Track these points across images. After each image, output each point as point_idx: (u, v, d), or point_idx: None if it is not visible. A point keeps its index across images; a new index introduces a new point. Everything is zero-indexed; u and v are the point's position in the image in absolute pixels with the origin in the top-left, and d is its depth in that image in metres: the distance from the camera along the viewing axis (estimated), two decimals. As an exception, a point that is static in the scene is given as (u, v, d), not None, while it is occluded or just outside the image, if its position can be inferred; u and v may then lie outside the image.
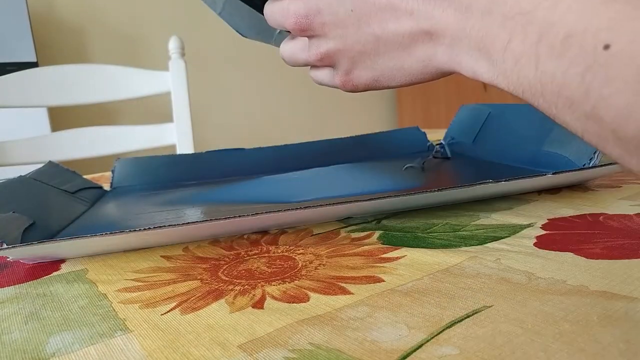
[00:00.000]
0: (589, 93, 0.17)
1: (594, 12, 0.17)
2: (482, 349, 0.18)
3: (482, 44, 0.22)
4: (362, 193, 0.43)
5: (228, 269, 0.29)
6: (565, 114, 0.19)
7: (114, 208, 0.49)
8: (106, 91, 0.99)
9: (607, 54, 0.16)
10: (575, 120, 0.19)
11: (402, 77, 0.28)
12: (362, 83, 0.29)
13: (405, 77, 0.27)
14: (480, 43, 0.22)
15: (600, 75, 0.17)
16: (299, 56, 0.31)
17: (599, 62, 0.17)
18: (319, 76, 0.32)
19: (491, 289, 0.23)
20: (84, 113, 1.97)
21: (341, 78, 0.30)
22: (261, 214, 0.32)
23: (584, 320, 0.20)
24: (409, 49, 0.26)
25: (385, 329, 0.20)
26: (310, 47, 0.30)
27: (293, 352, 0.19)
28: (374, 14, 0.26)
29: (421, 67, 0.26)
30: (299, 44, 0.31)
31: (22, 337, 0.22)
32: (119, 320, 0.23)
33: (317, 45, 0.29)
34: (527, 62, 0.20)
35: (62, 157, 0.96)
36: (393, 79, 0.28)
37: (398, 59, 0.27)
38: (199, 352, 0.20)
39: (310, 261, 0.30)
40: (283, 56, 0.33)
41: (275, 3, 0.30)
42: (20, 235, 0.33)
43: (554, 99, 0.19)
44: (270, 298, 0.25)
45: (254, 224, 0.35)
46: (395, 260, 0.29)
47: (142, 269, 0.31)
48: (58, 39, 2.04)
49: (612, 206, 0.36)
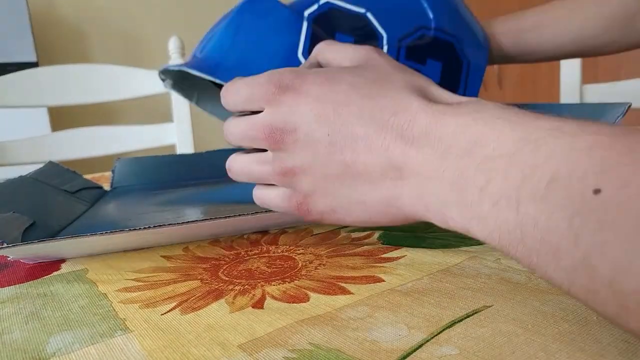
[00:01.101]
0: (578, 239, 0.16)
1: (579, 158, 0.16)
2: (482, 349, 0.18)
3: (456, 186, 0.21)
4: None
5: (228, 269, 0.29)
6: (549, 263, 0.17)
7: (114, 208, 0.49)
8: (106, 91, 0.99)
9: (599, 199, 0.15)
10: (561, 271, 0.17)
11: (360, 212, 0.26)
12: (318, 210, 0.27)
13: (364, 213, 0.26)
14: (454, 185, 0.21)
15: (592, 220, 0.15)
16: (254, 169, 0.28)
17: (590, 207, 0.15)
18: (268, 196, 0.29)
19: (491, 289, 0.23)
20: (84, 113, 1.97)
21: (298, 199, 0.27)
22: (261, 214, 0.32)
23: (583, 320, 0.20)
24: (375, 184, 0.24)
25: (385, 329, 0.20)
26: (274, 159, 0.27)
27: (293, 352, 0.19)
28: (349, 142, 0.24)
29: (384, 206, 0.24)
30: (260, 157, 0.28)
31: (23, 336, 0.22)
32: (119, 320, 0.23)
33: (283, 159, 0.26)
34: (507, 204, 0.18)
35: (62, 157, 0.96)
36: (350, 213, 0.26)
37: (362, 192, 0.25)
38: (199, 352, 0.20)
39: (310, 261, 0.30)
40: (231, 166, 0.30)
41: (251, 116, 0.28)
42: (21, 235, 0.33)
43: (536, 246, 0.17)
44: (270, 298, 0.25)
45: (254, 223, 0.35)
46: (395, 260, 0.29)
47: (142, 268, 0.31)
48: (58, 39, 2.04)
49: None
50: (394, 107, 0.23)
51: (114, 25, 2.15)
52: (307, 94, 0.25)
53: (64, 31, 2.04)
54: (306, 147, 0.26)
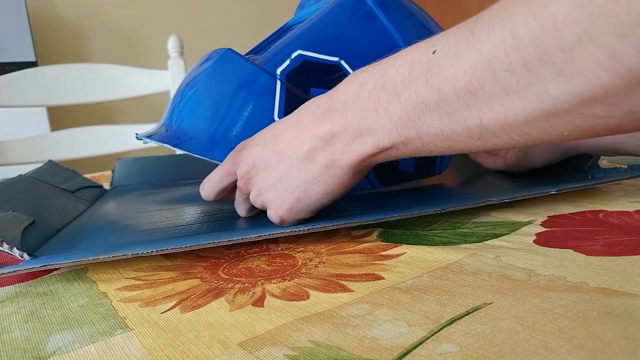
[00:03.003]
0: (431, 82, 0.24)
1: (420, 47, 0.26)
2: (482, 346, 0.18)
3: (359, 120, 0.28)
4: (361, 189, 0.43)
5: (228, 267, 0.29)
6: (425, 119, 0.26)
7: (113, 207, 0.49)
8: (106, 90, 0.99)
9: (436, 54, 0.24)
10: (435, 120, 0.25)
11: (316, 187, 0.31)
12: (286, 207, 0.32)
13: (319, 186, 0.31)
14: (358, 120, 0.29)
15: (435, 66, 0.24)
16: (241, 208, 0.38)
17: (433, 61, 0.24)
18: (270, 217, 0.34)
19: (491, 286, 0.23)
20: (84, 112, 1.97)
21: (271, 212, 0.33)
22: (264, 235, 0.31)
23: (583, 316, 0.20)
24: (314, 159, 0.31)
25: (385, 327, 0.20)
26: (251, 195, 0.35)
27: (293, 349, 0.19)
28: (287, 144, 0.32)
29: (326, 171, 0.31)
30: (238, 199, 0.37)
31: (23, 335, 0.22)
32: (119, 319, 0.23)
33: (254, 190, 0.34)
34: (393, 104, 0.27)
35: (62, 157, 0.96)
36: (310, 193, 0.31)
37: (309, 171, 0.31)
38: (199, 350, 0.20)
39: (310, 259, 0.30)
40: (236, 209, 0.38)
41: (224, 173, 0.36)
42: (20, 234, 0.33)
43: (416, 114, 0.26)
44: (270, 296, 0.25)
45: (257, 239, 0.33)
46: (395, 258, 0.29)
47: (142, 267, 0.31)
48: (57, 38, 2.04)
49: (611, 203, 0.36)
50: (307, 112, 0.32)
51: (113, 24, 2.15)
52: (254, 143, 0.34)
53: (63, 31, 2.04)
54: (263, 170, 0.33)
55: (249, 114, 0.38)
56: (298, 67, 0.39)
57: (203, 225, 0.37)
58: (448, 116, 0.24)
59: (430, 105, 0.25)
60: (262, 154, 0.33)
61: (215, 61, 0.40)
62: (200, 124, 0.39)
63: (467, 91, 0.23)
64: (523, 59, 0.20)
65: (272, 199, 0.33)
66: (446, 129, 0.25)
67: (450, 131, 0.25)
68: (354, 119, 0.29)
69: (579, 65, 0.18)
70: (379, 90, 0.27)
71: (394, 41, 0.40)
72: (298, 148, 0.31)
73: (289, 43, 0.39)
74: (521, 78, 0.20)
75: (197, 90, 0.40)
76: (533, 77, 0.20)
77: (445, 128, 0.25)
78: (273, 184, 0.32)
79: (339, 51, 0.39)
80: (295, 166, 0.31)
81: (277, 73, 0.38)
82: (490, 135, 0.24)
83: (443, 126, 0.25)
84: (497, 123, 0.23)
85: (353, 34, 0.40)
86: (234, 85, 0.38)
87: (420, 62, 0.25)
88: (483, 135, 0.24)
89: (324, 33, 0.40)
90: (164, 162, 0.66)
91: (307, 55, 0.39)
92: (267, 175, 0.33)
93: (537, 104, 0.21)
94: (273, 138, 0.33)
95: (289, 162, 0.31)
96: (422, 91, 0.25)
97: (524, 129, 0.23)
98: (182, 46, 1.03)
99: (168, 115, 0.42)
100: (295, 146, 0.31)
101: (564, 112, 0.20)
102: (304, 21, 0.42)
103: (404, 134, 0.27)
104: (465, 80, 0.23)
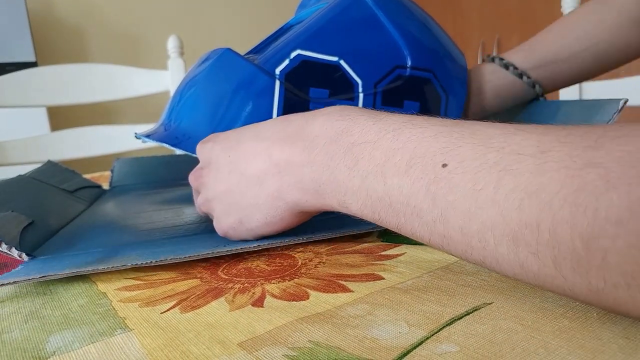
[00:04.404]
0: (435, 200, 0.20)
1: (429, 143, 0.21)
2: (482, 346, 0.18)
3: (327, 168, 0.25)
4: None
5: (228, 267, 0.29)
6: (414, 221, 0.22)
7: (112, 207, 0.49)
8: (105, 90, 0.99)
9: (446, 171, 0.20)
10: (423, 225, 0.21)
11: (258, 214, 0.29)
12: (228, 224, 0.31)
13: (260, 214, 0.29)
14: (325, 167, 0.25)
15: (443, 186, 0.20)
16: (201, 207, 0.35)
17: (440, 177, 0.20)
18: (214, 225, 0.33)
19: (491, 286, 0.23)
20: (84, 112, 1.96)
21: (215, 224, 0.32)
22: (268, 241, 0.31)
23: (583, 316, 0.20)
24: (262, 184, 0.29)
25: (385, 327, 0.20)
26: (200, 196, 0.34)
27: (293, 350, 0.19)
28: (243, 156, 0.30)
29: (271, 201, 0.29)
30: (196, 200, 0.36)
31: (22, 335, 0.22)
32: (119, 319, 0.23)
33: (202, 193, 0.33)
34: (375, 178, 0.23)
35: (62, 157, 0.96)
36: (252, 218, 0.30)
37: (255, 195, 0.29)
38: (199, 351, 0.20)
39: (310, 259, 0.30)
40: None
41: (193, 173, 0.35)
42: (19, 234, 0.33)
43: (402, 208, 0.22)
44: (270, 296, 0.24)
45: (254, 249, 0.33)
46: (395, 258, 0.29)
47: (141, 267, 0.31)
48: (57, 38, 2.04)
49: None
50: (274, 129, 0.29)
51: (113, 24, 2.15)
52: (220, 139, 0.32)
53: (62, 31, 2.04)
54: (215, 174, 0.31)
55: (248, 114, 0.38)
56: (297, 67, 0.39)
57: (202, 225, 0.37)
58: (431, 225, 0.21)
59: (423, 214, 0.21)
60: (219, 156, 0.31)
61: (214, 61, 0.40)
62: (199, 123, 0.39)
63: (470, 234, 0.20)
64: None
65: (218, 211, 0.31)
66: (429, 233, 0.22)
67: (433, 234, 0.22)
68: (320, 163, 0.25)
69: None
70: (362, 152, 0.24)
71: (393, 41, 0.40)
72: (250, 165, 0.29)
73: (288, 43, 0.39)
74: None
75: (196, 89, 0.40)
76: None
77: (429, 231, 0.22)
78: (220, 195, 0.31)
79: (338, 51, 0.39)
80: (243, 184, 0.29)
81: (276, 73, 0.38)
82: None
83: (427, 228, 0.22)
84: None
85: (353, 33, 0.40)
86: (233, 85, 0.38)
87: (425, 170, 0.21)
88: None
89: (324, 33, 0.39)
90: (163, 162, 0.66)
91: (307, 55, 0.39)
92: (216, 183, 0.31)
93: None
94: (236, 143, 0.31)
95: (239, 176, 0.30)
96: (419, 199, 0.21)
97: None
98: (182, 46, 1.03)
99: (167, 114, 0.42)
100: (249, 161, 0.29)
101: None
102: (304, 21, 0.42)
103: (377, 211, 0.23)
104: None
